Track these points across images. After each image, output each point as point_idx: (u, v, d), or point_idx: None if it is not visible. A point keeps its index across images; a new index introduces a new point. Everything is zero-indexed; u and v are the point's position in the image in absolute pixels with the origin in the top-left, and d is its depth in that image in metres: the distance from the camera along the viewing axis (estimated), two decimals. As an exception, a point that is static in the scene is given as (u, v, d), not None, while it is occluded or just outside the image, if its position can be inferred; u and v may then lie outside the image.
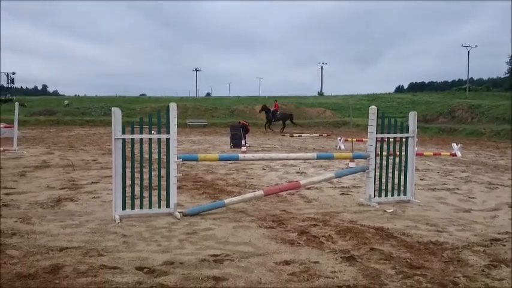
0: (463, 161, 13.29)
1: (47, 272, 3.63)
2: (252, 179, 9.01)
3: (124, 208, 5.55)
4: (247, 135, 17.90)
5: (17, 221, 5.24)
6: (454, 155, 14.49)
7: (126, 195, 5.59)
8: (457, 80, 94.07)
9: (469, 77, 66.53)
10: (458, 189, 8.22)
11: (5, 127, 16.73)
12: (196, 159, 6.38)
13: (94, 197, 6.77)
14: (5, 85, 41.38)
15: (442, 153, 14.55)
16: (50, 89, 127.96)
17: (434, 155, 14.07)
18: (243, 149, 15.36)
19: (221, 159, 6.86)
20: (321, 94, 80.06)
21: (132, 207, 5.63)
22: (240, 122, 18.80)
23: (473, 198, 7.37)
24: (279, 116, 31.08)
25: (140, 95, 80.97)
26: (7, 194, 6.87)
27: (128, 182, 5.67)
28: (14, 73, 43.03)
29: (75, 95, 77.71)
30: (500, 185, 8.77)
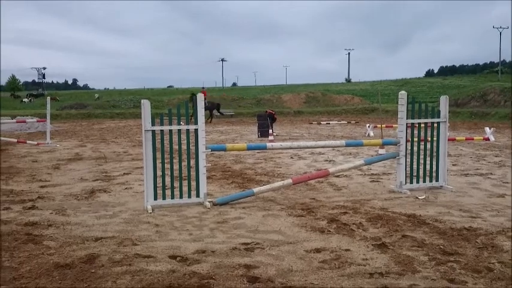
0: (496, 145, 12.94)
1: (83, 261, 3.74)
2: (280, 167, 9.01)
3: (155, 198, 5.65)
4: (274, 124, 17.86)
5: (52, 213, 5.40)
6: (487, 139, 14.12)
7: (157, 185, 5.68)
8: (488, 62, 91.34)
9: (501, 59, 64.49)
10: (491, 174, 8.03)
11: (38, 121, 17.20)
12: (224, 149, 6.43)
13: (126, 188, 6.91)
14: (36, 80, 42.46)
15: (474, 137, 14.20)
16: (80, 83, 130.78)
17: (466, 139, 13.74)
18: (271, 138, 15.35)
19: (249, 148, 6.87)
20: (348, 81, 79.14)
21: (164, 198, 5.72)
22: (266, 111, 18.75)
23: (507, 183, 7.18)
24: (206, 105, 28.14)
25: (168, 86, 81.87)
26: (42, 186, 7.08)
27: (159, 172, 5.76)
28: (44, 68, 44.19)
29: (105, 89, 79.30)
30: (537, 169, 8.51)
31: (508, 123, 24.32)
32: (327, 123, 25.31)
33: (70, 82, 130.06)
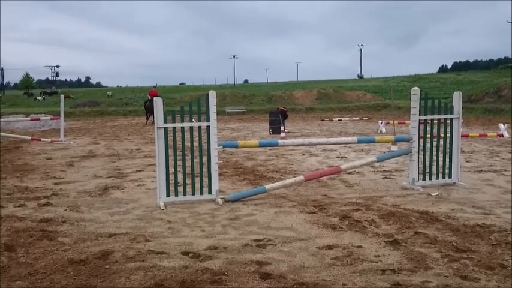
0: (510, 142, 12.78)
1: (97, 257, 3.78)
2: (292, 164, 9.01)
3: (168, 195, 5.69)
4: (285, 120, 17.86)
5: (66, 209, 5.47)
6: (501, 135, 13.97)
7: (170, 182, 5.72)
8: (503, 58, 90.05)
9: (517, 54, 63.42)
10: (505, 170, 7.94)
11: (52, 119, 17.40)
12: (236, 146, 6.44)
13: (139, 185, 6.97)
14: (50, 78, 42.69)
15: (488, 134, 14.05)
16: (93, 81, 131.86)
17: (480, 136, 13.61)
18: (282, 134, 15.35)
19: (261, 145, 6.88)
20: (360, 77, 78.68)
21: (176, 194, 5.76)
22: (278, 108, 18.75)
23: (523, 179, 7.09)
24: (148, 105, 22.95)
25: (179, 84, 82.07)
26: (56, 183, 7.17)
27: (171, 169, 5.80)
28: (58, 66, 44.53)
29: (118, 86, 79.78)
30: (552, 165, 8.39)
31: (523, 119, 23.98)
32: (338, 120, 25.21)
33: (83, 80, 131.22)
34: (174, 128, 5.73)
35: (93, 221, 4.95)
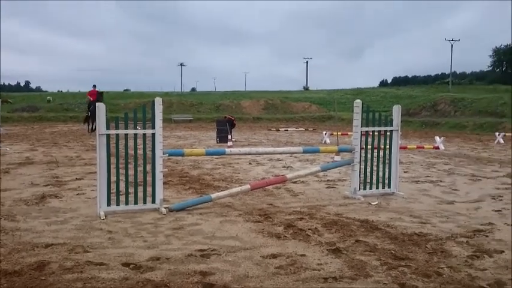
0: (446, 154, 13.47)
1: (33, 268, 3.60)
2: (239, 173, 9.02)
3: (109, 204, 5.52)
4: (233, 129, 17.88)
5: (1, 219, 5.17)
6: (437, 148, 14.67)
7: (111, 191, 5.55)
8: (440, 73, 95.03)
9: (452, 71, 67.21)
10: (441, 181, 8.34)
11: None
12: (182, 154, 6.36)
13: (78, 194, 6.71)
14: None
15: (425, 146, 14.72)
16: (33, 85, 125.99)
17: (417, 148, 14.24)
18: (229, 143, 15.34)
19: (208, 153, 6.84)
20: (306, 89, 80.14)
21: (118, 204, 5.59)
22: (226, 117, 18.75)
23: (456, 190, 7.48)
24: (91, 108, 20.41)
25: (124, 90, 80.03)
26: (-10, 191, 6.77)
27: (113, 178, 5.63)
28: (-6, 69, 42.19)
29: (58, 91, 76.52)
30: (483, 177, 8.91)
31: (457, 132, 25.37)
32: (285, 130, 25.58)
33: (23, 84, 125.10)
34: (117, 135, 5.57)
35: (29, 231, 4.71)
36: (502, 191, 7.40)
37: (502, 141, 18.19)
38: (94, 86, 22.20)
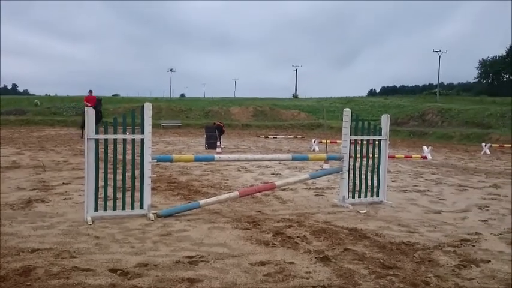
0: (433, 164, 13.58)
1: (18, 273, 3.55)
2: (227, 180, 8.99)
3: (96, 209, 5.46)
4: (222, 136, 17.86)
5: (-16, 223, 5.09)
6: (425, 157, 14.79)
7: (99, 196, 5.50)
8: (427, 84, 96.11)
9: (440, 82, 67.95)
10: (429, 191, 8.40)
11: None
12: (170, 160, 6.32)
13: (65, 199, 6.64)
14: None
15: (413, 155, 14.83)
16: (20, 89, 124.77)
17: (405, 157, 14.34)
18: (218, 150, 15.31)
19: (196, 160, 6.81)
20: (295, 96, 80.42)
21: (105, 209, 5.54)
22: (215, 123, 18.74)
23: (444, 199, 7.53)
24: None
25: (113, 95, 79.52)
26: (-26, 195, 6.66)
27: (101, 183, 5.58)
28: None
29: (46, 95, 75.81)
30: (470, 187, 9.00)
31: (444, 142, 25.63)
32: (274, 137, 25.59)
33: (10, 87, 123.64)
34: (105, 139, 5.53)
35: (14, 235, 4.64)
36: (489, 201, 7.47)
37: (488, 151, 18.40)
38: (90, 92, 21.71)
